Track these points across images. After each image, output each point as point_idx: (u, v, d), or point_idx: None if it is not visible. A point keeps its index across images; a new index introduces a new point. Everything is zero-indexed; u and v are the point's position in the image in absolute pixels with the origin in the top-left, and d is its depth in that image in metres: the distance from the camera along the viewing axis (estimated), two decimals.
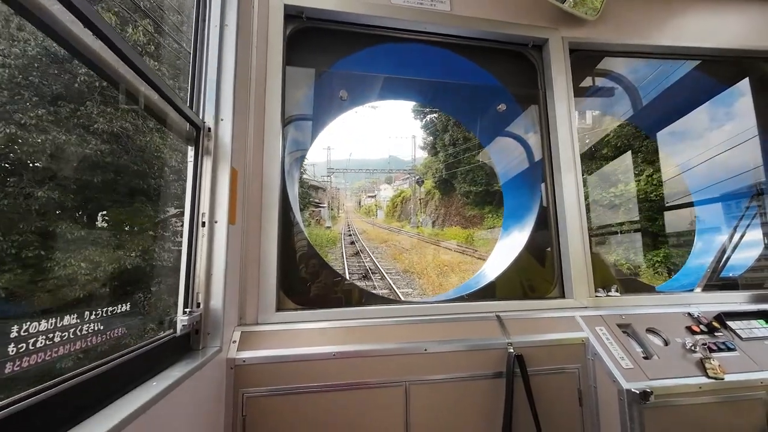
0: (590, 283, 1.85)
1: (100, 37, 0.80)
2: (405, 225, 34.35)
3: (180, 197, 1.31)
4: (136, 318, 1.93)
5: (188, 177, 1.31)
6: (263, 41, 1.70)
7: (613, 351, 1.53)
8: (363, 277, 13.02)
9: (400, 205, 43.36)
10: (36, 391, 0.68)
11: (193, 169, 1.31)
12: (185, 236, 1.27)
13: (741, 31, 2.27)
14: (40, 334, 0.85)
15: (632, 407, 1.36)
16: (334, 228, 31.82)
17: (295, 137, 2.06)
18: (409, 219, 34.21)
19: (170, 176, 3.44)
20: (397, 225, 36.91)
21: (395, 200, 46.56)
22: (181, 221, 1.30)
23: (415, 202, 34.16)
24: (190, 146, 1.32)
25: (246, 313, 1.52)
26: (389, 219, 44.42)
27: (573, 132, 1.98)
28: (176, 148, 3.18)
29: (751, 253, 2.37)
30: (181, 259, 1.27)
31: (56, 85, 3.01)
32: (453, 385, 1.50)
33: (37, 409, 0.66)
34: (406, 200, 40.77)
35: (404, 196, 42.52)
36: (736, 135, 2.62)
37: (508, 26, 2.00)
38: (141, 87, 0.98)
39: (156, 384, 0.94)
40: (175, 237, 3.12)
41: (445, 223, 27.84)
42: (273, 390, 1.37)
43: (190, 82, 1.38)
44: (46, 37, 0.71)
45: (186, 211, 1.28)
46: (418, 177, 34.40)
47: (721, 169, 2.89)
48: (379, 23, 1.92)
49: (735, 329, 1.67)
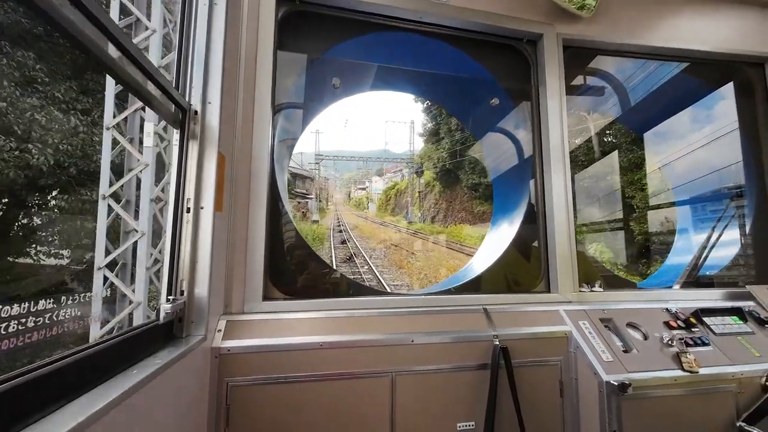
0: (575, 279, 1.89)
1: (84, 12, 0.75)
2: (400, 220, 30.94)
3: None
4: None
5: (173, 161, 1.27)
6: (254, 22, 1.64)
7: (595, 344, 1.57)
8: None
9: (393, 198, 40.11)
10: (6, 378, 0.65)
11: (178, 153, 1.27)
12: (169, 222, 1.24)
13: (728, 35, 2.31)
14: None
15: (611, 398, 1.40)
16: (322, 222, 28.17)
17: (285, 125, 2.02)
18: (405, 213, 31.57)
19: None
20: (390, 219, 33.34)
21: (388, 193, 43.01)
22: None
23: (413, 195, 31.22)
24: (175, 129, 1.27)
25: (232, 302, 1.50)
26: (382, 213, 40.69)
27: (564, 129, 2.00)
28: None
29: (727, 253, 2.46)
30: (165, 245, 1.23)
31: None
32: (438, 375, 1.52)
33: (7, 397, 0.63)
34: (400, 193, 37.71)
35: (398, 188, 39.49)
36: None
37: (503, 19, 1.99)
38: (125, 66, 0.93)
39: (136, 372, 0.92)
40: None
41: (448, 219, 24.24)
42: (258, 379, 1.36)
43: (176, 63, 1.32)
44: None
45: (170, 196, 1.25)
46: (417, 167, 31.22)
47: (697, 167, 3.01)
48: (374, 10, 1.88)
49: (710, 325, 1.74)
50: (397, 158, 37.29)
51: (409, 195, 31.83)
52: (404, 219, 30.23)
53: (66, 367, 0.78)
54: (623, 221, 9.66)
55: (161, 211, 3.09)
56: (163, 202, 3.09)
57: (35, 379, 0.70)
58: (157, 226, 3.09)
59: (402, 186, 38.02)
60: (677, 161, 3.35)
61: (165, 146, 3.14)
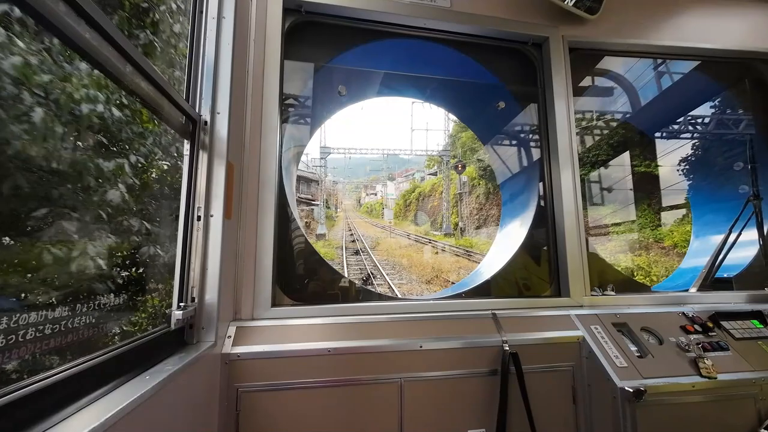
0: (586, 282, 1.85)
1: (95, 28, 0.79)
2: (429, 232, 24.15)
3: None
4: None
5: (184, 170, 1.30)
6: (261, 34, 1.68)
7: (608, 349, 1.53)
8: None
9: (414, 204, 33.13)
10: (26, 384, 0.67)
11: (189, 162, 1.30)
12: (180, 230, 1.26)
13: (741, 33, 2.27)
14: None
15: (626, 405, 1.37)
16: (330, 235, 21.22)
17: (293, 132, 2.05)
18: (436, 222, 23.99)
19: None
20: (413, 230, 25.49)
21: (407, 197, 35.52)
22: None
23: (451, 198, 23.61)
24: (186, 139, 1.30)
25: (241, 309, 1.51)
26: (400, 221, 33.62)
27: (572, 131, 1.98)
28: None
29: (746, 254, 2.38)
30: (176, 252, 1.26)
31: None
32: (448, 382, 1.50)
33: (27, 401, 0.66)
34: (423, 197, 31.22)
35: (420, 191, 32.41)
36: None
37: (508, 23, 1.99)
38: (136, 79, 0.97)
39: (149, 378, 0.94)
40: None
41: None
42: (267, 385, 1.37)
43: (186, 75, 1.36)
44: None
45: (182, 204, 1.27)
46: (457, 160, 23.59)
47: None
48: (378, 18, 1.90)
49: (729, 329, 1.68)
50: (432, 152, 29.41)
51: (443, 198, 23.94)
52: (432, 229, 24.03)
53: (81, 373, 0.80)
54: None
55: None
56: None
57: (53, 384, 0.72)
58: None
59: (425, 188, 31.84)
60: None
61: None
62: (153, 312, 1.42)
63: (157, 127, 1.57)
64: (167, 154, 1.65)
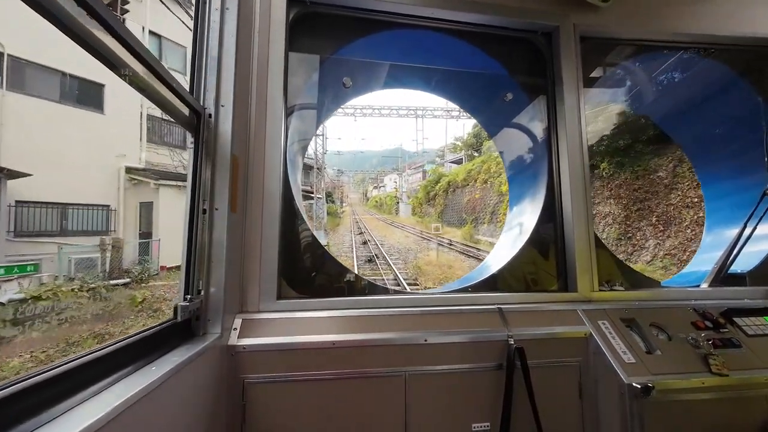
0: (594, 277, 1.82)
1: (97, 19, 0.78)
2: (470, 232, 18.78)
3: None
4: None
5: (189, 163, 1.30)
6: (265, 26, 1.66)
7: (616, 345, 1.51)
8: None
9: (441, 197, 26.38)
10: (33, 374, 0.68)
11: (194, 155, 1.30)
12: (185, 223, 1.27)
13: (765, 17, 2.17)
14: None
15: (633, 402, 1.35)
16: (329, 242, 17.64)
17: (298, 125, 2.04)
18: (476, 221, 18.22)
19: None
20: (446, 232, 20.73)
21: (430, 188, 28.56)
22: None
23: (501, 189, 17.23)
24: (190, 132, 1.30)
25: (247, 301, 1.53)
26: (423, 219, 27.54)
27: (582, 123, 1.93)
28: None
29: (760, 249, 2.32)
30: (182, 245, 1.27)
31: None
32: (453, 375, 1.50)
33: (34, 390, 0.67)
34: (455, 188, 24.04)
35: (450, 180, 25.28)
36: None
37: (516, 12, 1.94)
38: (140, 72, 0.96)
39: (156, 369, 0.95)
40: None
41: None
42: (273, 377, 1.38)
43: (190, 67, 1.36)
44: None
45: (186, 197, 1.28)
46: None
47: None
48: (384, 8, 1.87)
49: (741, 326, 1.65)
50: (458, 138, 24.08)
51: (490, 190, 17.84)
52: (476, 232, 18.31)
53: (90, 362, 0.82)
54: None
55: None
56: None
57: (62, 374, 0.74)
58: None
59: (456, 177, 24.27)
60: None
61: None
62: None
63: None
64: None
